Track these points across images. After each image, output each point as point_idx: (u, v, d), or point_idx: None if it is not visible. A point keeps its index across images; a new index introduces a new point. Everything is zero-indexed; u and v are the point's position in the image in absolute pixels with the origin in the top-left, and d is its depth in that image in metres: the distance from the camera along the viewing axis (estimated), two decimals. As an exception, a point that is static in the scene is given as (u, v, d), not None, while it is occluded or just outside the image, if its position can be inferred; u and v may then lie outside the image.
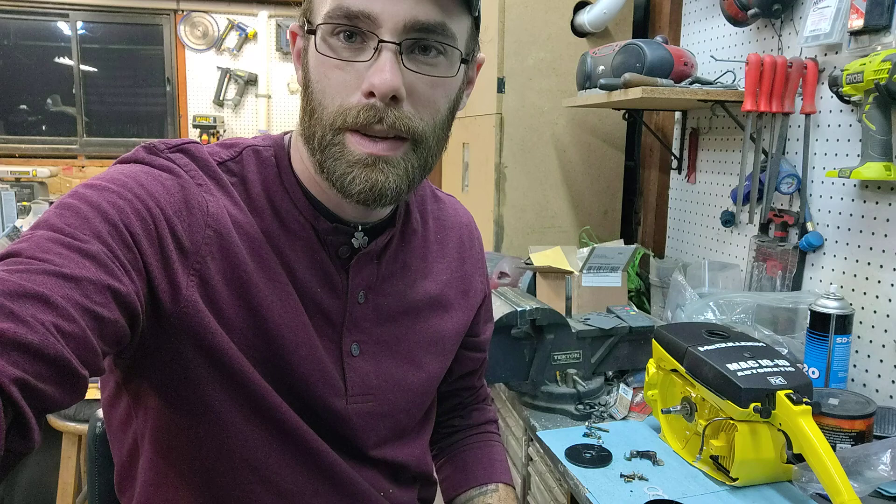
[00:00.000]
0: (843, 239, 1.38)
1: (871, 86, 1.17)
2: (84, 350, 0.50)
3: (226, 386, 0.66)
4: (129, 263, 0.57)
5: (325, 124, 0.64)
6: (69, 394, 0.49)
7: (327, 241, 0.73)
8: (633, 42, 1.66)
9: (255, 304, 0.67)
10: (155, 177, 0.64)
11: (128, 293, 0.55)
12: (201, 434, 0.67)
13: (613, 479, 1.06)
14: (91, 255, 0.53)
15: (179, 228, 0.62)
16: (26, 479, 2.37)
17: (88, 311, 0.51)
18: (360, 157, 0.63)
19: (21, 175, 3.74)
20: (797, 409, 0.92)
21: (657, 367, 1.19)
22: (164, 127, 4.44)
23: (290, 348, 0.69)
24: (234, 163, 0.71)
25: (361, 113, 0.62)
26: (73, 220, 0.55)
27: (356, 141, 0.63)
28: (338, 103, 0.63)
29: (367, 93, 0.62)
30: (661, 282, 1.78)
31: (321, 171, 0.66)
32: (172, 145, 0.68)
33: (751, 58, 1.43)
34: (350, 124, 0.63)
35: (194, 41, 4.35)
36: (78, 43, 4.29)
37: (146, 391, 0.67)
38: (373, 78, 0.61)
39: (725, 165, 1.79)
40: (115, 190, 0.59)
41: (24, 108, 4.36)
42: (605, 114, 2.19)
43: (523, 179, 2.19)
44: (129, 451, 0.74)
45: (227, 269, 0.65)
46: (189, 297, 0.62)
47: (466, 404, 1.02)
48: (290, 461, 0.71)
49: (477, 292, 0.90)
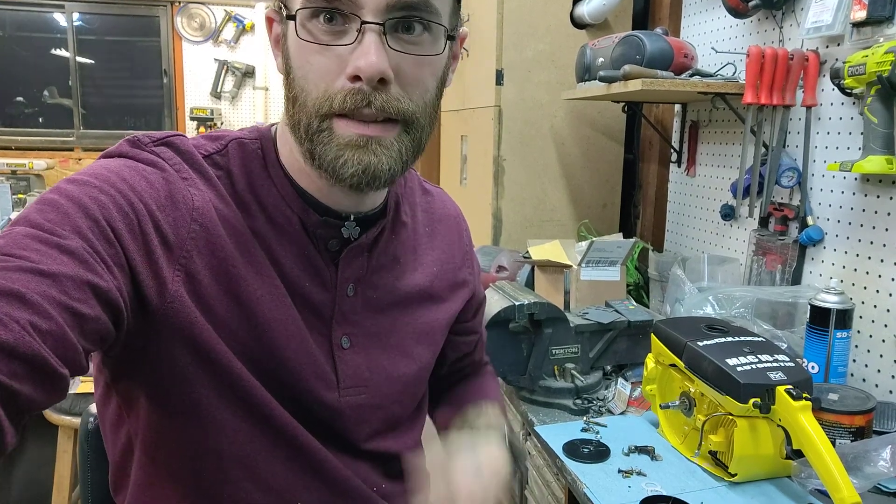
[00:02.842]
0: (844, 233, 1.37)
1: (873, 78, 1.16)
2: (62, 347, 0.49)
3: (214, 383, 0.65)
4: (111, 259, 0.56)
5: (310, 111, 0.63)
6: (48, 393, 0.48)
7: (316, 234, 0.71)
8: (633, 34, 1.64)
9: (244, 299, 0.66)
10: (139, 171, 0.63)
11: (109, 289, 0.54)
12: (190, 433, 0.66)
13: (611, 475, 1.05)
14: (70, 251, 0.52)
15: (164, 223, 0.61)
16: (22, 473, 2.37)
17: (67, 308, 0.50)
18: (350, 138, 0.62)
19: (17, 167, 3.72)
20: (797, 404, 0.91)
21: (656, 361, 1.18)
22: (162, 119, 4.41)
23: (280, 343, 0.68)
24: (219, 156, 0.69)
25: (348, 97, 0.61)
26: (52, 216, 0.54)
27: (344, 124, 0.62)
28: (322, 88, 0.62)
29: (352, 77, 0.60)
30: (659, 276, 1.77)
31: (311, 158, 0.65)
32: (157, 139, 0.67)
33: (751, 50, 1.42)
34: (337, 109, 0.61)
35: (191, 33, 4.32)
36: (74, 34, 4.25)
37: (135, 391, 0.66)
38: (358, 61, 0.59)
39: (725, 159, 1.78)
40: (97, 185, 0.58)
41: (21, 101, 4.33)
42: (604, 106, 2.18)
43: (522, 172, 2.18)
44: (122, 451, 0.73)
45: (213, 264, 0.64)
46: (175, 292, 0.61)
47: (467, 372, 1.01)
48: (280, 458, 0.70)
49: (465, 284, 0.89)
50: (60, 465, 1.91)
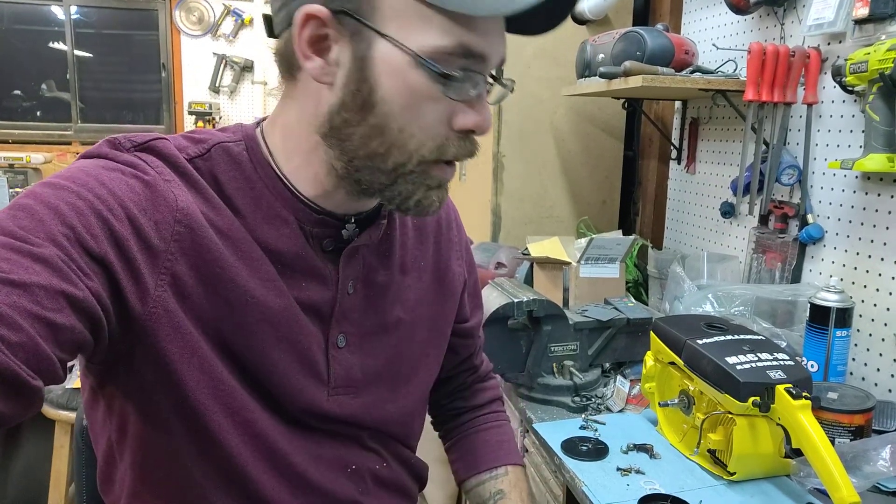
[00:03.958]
0: (844, 231, 1.36)
1: (875, 75, 1.15)
2: (35, 359, 0.48)
3: (199, 388, 0.63)
4: (87, 266, 0.54)
5: (410, 153, 0.63)
6: (21, 406, 0.47)
7: (313, 234, 0.70)
8: (634, 30, 1.64)
9: (234, 300, 0.64)
10: (118, 173, 0.60)
11: (84, 297, 0.52)
12: (174, 442, 0.65)
13: (610, 473, 1.05)
14: (43, 260, 0.51)
15: (145, 227, 0.59)
16: (20, 468, 2.36)
17: (39, 318, 0.49)
18: (439, 182, 0.65)
19: (14, 161, 3.70)
20: (797, 403, 0.91)
21: (655, 359, 1.18)
22: (160, 113, 4.39)
23: (271, 343, 0.67)
24: (202, 160, 0.67)
25: (462, 149, 0.64)
26: (26, 223, 0.52)
27: (442, 169, 0.65)
28: (430, 135, 0.62)
29: (467, 129, 0.63)
30: (659, 273, 1.76)
31: (380, 191, 0.66)
32: (137, 143, 0.64)
33: (753, 46, 1.41)
34: (448, 157, 0.64)
35: (190, 26, 4.30)
36: (72, 28, 4.23)
37: (121, 397, 0.65)
38: (478, 118, 0.63)
39: (725, 156, 1.77)
40: (74, 189, 0.56)
41: (19, 94, 4.31)
42: (604, 103, 2.17)
43: (521, 169, 2.17)
44: (105, 456, 0.72)
45: (200, 266, 0.62)
46: (158, 297, 0.59)
47: (469, 384, 1.01)
48: (263, 466, 0.68)
49: (455, 276, 0.88)
50: (57, 460, 1.91)
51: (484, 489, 0.93)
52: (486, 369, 1.03)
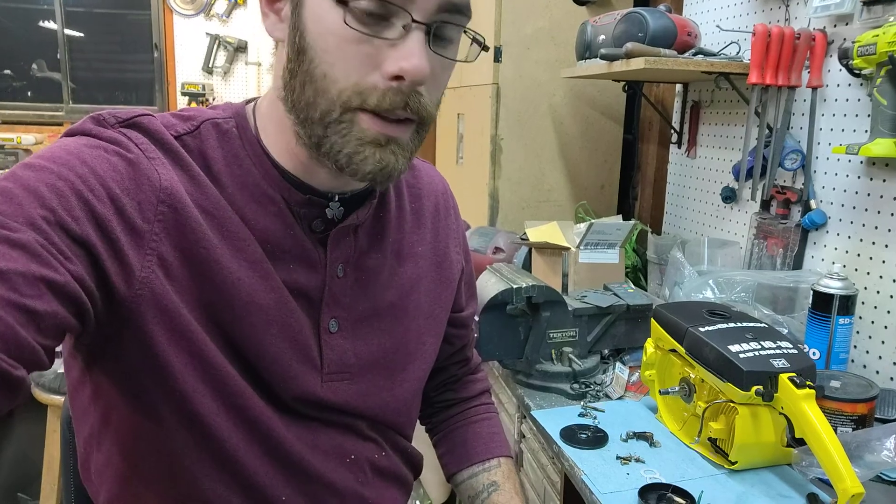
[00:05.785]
0: (848, 217, 1.34)
1: (884, 58, 1.12)
2: (15, 348, 0.46)
3: (188, 371, 0.62)
4: (69, 249, 0.52)
5: (332, 99, 0.59)
6: (4, 396, 0.46)
7: (300, 214, 0.68)
8: (636, 10, 1.60)
9: (219, 282, 0.62)
10: (101, 152, 0.58)
11: (66, 282, 0.51)
12: (163, 427, 0.63)
13: (609, 461, 1.03)
14: (21, 245, 0.49)
15: (128, 207, 0.57)
16: (12, 453, 2.35)
17: (17, 306, 0.47)
18: (373, 136, 0.60)
19: (5, 142, 3.65)
20: (800, 392, 0.90)
21: (655, 346, 1.16)
22: (153, 94, 4.33)
23: (260, 327, 0.65)
24: (191, 137, 0.65)
25: (387, 97, 0.58)
26: (4, 207, 0.51)
27: (370, 120, 0.60)
28: (353, 80, 0.58)
29: (392, 76, 0.58)
30: (658, 259, 1.74)
31: (317, 145, 0.62)
32: (123, 119, 0.62)
33: (757, 28, 1.38)
34: (371, 106, 0.59)
35: (182, 6, 4.23)
36: (62, 6, 4.16)
37: (108, 380, 0.63)
38: (403, 62, 0.57)
39: (727, 140, 1.75)
40: (54, 170, 0.54)
41: (9, 74, 4.24)
42: (604, 85, 2.14)
43: (519, 152, 2.14)
44: (86, 442, 0.71)
45: (185, 246, 0.61)
46: (145, 278, 0.58)
47: (459, 377, 1.00)
48: (257, 452, 0.67)
49: (453, 264, 0.86)
50: (50, 444, 1.90)
51: (477, 481, 0.91)
52: (476, 362, 1.02)
